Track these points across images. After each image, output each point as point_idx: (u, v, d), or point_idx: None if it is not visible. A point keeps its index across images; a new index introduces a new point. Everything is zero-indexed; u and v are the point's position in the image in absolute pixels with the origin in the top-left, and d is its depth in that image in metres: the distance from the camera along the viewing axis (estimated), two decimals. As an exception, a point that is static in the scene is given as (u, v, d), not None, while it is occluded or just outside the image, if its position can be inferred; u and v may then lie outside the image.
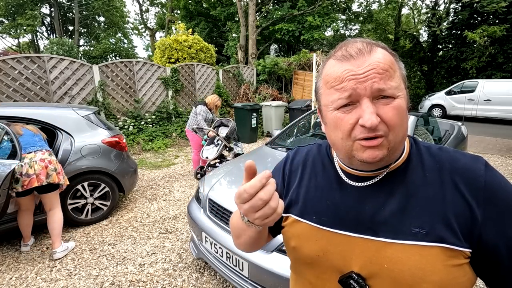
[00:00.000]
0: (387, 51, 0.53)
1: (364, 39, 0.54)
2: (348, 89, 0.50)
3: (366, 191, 0.57)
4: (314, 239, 0.60)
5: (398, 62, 0.53)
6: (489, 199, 0.50)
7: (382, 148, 0.51)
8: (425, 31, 16.09)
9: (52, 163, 2.41)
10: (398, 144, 0.53)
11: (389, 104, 0.50)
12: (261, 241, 0.69)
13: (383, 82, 0.49)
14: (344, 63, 0.51)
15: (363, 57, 0.50)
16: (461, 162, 0.54)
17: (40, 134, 2.57)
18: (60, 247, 2.52)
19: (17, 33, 20.73)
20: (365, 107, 0.49)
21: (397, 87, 0.50)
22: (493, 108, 9.62)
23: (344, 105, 0.51)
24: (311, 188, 0.65)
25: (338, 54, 0.53)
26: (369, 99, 0.49)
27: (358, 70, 0.49)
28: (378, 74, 0.48)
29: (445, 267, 0.48)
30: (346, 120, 0.51)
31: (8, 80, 5.04)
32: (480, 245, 0.49)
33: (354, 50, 0.51)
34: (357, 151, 0.52)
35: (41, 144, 2.47)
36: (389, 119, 0.49)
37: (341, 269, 0.57)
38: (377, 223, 0.54)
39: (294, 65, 10.41)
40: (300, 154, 0.74)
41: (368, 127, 0.48)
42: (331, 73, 0.53)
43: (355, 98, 0.50)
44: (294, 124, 3.46)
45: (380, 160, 0.51)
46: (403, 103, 0.51)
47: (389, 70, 0.50)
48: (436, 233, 0.49)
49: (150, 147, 6.39)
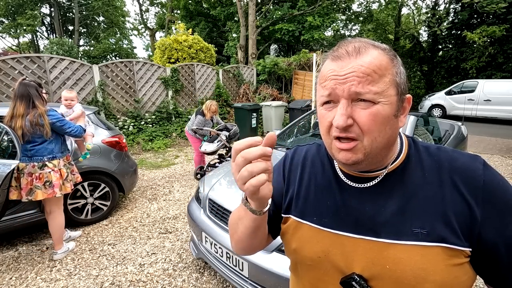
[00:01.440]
0: (385, 55, 0.51)
1: (363, 39, 0.54)
2: (329, 88, 0.51)
3: (366, 192, 0.57)
4: (315, 240, 0.60)
5: (395, 67, 0.52)
6: (488, 198, 0.50)
7: (356, 152, 0.51)
8: (425, 31, 16.11)
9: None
10: (379, 150, 0.52)
11: (367, 108, 0.49)
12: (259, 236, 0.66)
13: (361, 86, 0.48)
14: (332, 63, 0.52)
15: (348, 59, 0.50)
16: (460, 162, 0.54)
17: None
18: (61, 249, 2.52)
19: (17, 33, 20.73)
20: (339, 108, 0.50)
21: (380, 93, 0.49)
22: (493, 108, 9.62)
23: (327, 102, 0.53)
24: (311, 188, 0.65)
25: (334, 53, 0.54)
26: (347, 101, 0.50)
27: (340, 71, 0.50)
28: (357, 77, 0.49)
29: (447, 267, 0.48)
30: (326, 117, 0.53)
31: (8, 80, 5.04)
32: (480, 244, 0.50)
33: (343, 51, 0.51)
34: (335, 151, 0.54)
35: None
36: (363, 124, 0.49)
37: (343, 271, 0.56)
38: (378, 224, 0.54)
39: (294, 65, 10.41)
40: (299, 153, 0.73)
41: (335, 126, 0.50)
42: (322, 70, 0.55)
43: (334, 98, 0.51)
44: (294, 124, 3.46)
45: (355, 163, 0.52)
46: (384, 110, 0.49)
47: (371, 75, 0.49)
48: (437, 233, 0.49)
49: (150, 147, 6.39)
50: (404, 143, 0.60)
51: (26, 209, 2.67)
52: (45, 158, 2.30)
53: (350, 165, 0.54)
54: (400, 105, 0.53)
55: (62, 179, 2.37)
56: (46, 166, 2.29)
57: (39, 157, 2.28)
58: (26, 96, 2.23)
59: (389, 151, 0.56)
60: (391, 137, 0.53)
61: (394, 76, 0.51)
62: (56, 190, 2.32)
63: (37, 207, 2.72)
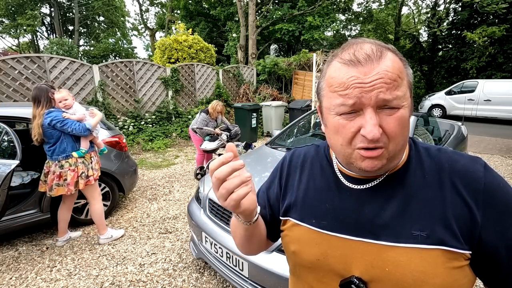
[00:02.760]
0: (397, 56, 0.50)
1: (374, 41, 0.51)
2: (353, 97, 0.48)
3: (366, 194, 0.57)
4: (314, 243, 0.59)
5: (407, 68, 0.51)
6: (489, 201, 0.49)
7: (381, 159, 0.50)
8: (425, 31, 16.10)
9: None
10: (398, 153, 0.52)
11: (393, 114, 0.48)
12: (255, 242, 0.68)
13: (389, 93, 0.47)
14: (351, 69, 0.48)
15: (371, 64, 0.47)
16: (461, 164, 0.54)
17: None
18: (105, 234, 2.72)
19: (17, 33, 20.74)
20: (368, 118, 0.47)
21: (403, 97, 0.48)
22: (493, 108, 9.62)
23: (348, 112, 0.49)
24: (310, 190, 0.64)
25: (345, 56, 0.50)
26: (373, 109, 0.47)
27: (364, 78, 0.47)
28: (385, 84, 0.46)
29: (446, 270, 0.48)
30: (348, 127, 0.50)
31: (8, 80, 5.04)
32: (480, 247, 0.49)
33: (363, 55, 0.48)
34: (356, 159, 0.51)
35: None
36: (391, 131, 0.48)
37: (342, 273, 0.56)
38: (377, 226, 0.53)
39: (294, 65, 10.41)
40: (298, 155, 0.73)
41: (369, 139, 0.47)
42: (335, 76, 0.50)
43: (358, 107, 0.48)
44: (294, 124, 3.46)
45: (379, 169, 0.51)
46: (406, 113, 0.49)
47: (397, 80, 0.47)
48: (437, 236, 0.49)
49: (150, 147, 6.39)
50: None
51: (26, 209, 2.67)
52: (60, 158, 2.41)
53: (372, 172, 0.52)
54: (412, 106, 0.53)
55: (77, 177, 2.47)
56: (64, 165, 2.43)
57: (55, 157, 2.41)
58: (37, 99, 2.35)
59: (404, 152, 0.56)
60: (407, 138, 0.53)
61: (409, 77, 0.51)
62: (71, 187, 2.43)
63: (37, 207, 2.73)
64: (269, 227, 0.73)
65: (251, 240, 0.66)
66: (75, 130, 2.40)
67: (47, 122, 2.32)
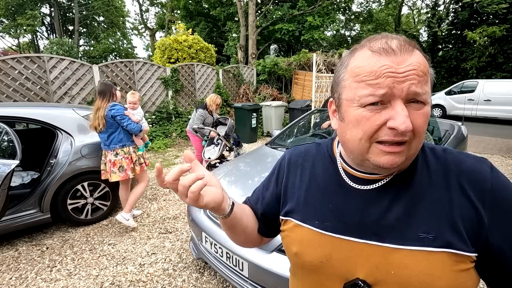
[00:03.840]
0: (422, 53, 0.50)
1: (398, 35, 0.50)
2: (384, 87, 0.45)
3: (371, 195, 0.55)
4: (317, 245, 0.58)
5: (430, 67, 0.51)
6: (496, 202, 0.49)
7: (402, 155, 0.48)
8: (425, 31, 16.10)
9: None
10: (416, 152, 0.51)
11: (420, 110, 0.47)
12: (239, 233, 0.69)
13: (420, 86, 0.45)
14: (383, 57, 0.46)
15: (405, 54, 0.46)
16: (467, 164, 0.53)
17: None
18: (127, 214, 2.88)
19: (17, 33, 20.74)
20: (399, 109, 0.45)
21: (429, 93, 0.48)
22: (493, 108, 9.61)
23: (373, 103, 0.47)
24: (312, 191, 0.63)
25: (375, 45, 0.47)
26: (402, 101, 0.46)
27: (398, 68, 0.45)
28: (417, 76, 0.45)
29: (453, 273, 0.47)
30: (372, 120, 0.47)
31: (8, 80, 5.03)
32: (486, 249, 0.49)
33: (396, 44, 0.46)
34: (374, 155, 0.49)
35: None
36: (417, 126, 0.47)
37: (346, 276, 0.55)
38: (382, 228, 0.52)
39: (294, 65, 10.41)
40: (298, 154, 0.71)
41: (401, 130, 0.45)
42: (364, 65, 0.47)
43: (387, 98, 0.46)
44: (294, 124, 3.46)
45: (397, 166, 0.50)
46: (429, 110, 0.49)
47: (427, 74, 0.47)
48: (444, 238, 0.48)
49: (150, 147, 6.39)
50: None
51: (26, 209, 2.67)
52: (117, 146, 2.75)
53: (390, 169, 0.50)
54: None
55: (132, 163, 2.83)
56: (119, 153, 2.75)
57: (113, 146, 2.74)
58: (102, 93, 2.70)
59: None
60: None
61: (431, 76, 0.51)
62: (129, 173, 2.79)
63: (37, 207, 2.73)
64: (261, 223, 0.73)
65: (234, 231, 0.68)
66: (129, 127, 2.74)
67: (111, 114, 2.65)
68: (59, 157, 2.82)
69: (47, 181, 2.76)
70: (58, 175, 2.78)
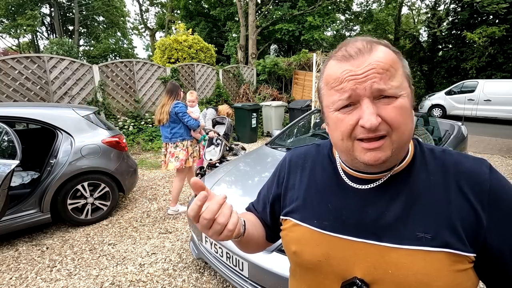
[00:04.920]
0: (390, 48, 0.51)
1: (366, 37, 0.53)
2: (348, 90, 0.49)
3: (369, 194, 0.56)
4: (315, 244, 0.59)
5: (402, 60, 0.52)
6: (494, 203, 0.49)
7: (385, 150, 0.49)
8: (425, 31, 16.10)
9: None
10: (403, 144, 0.51)
11: (391, 104, 0.48)
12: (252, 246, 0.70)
13: (383, 82, 0.47)
14: (344, 64, 0.50)
15: (362, 56, 0.49)
16: (466, 165, 0.53)
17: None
18: (174, 207, 3.25)
19: (17, 33, 20.73)
20: (365, 108, 0.48)
21: (399, 86, 0.49)
22: (493, 108, 9.62)
23: (345, 106, 0.50)
24: (311, 190, 0.63)
25: (339, 54, 0.52)
26: (369, 100, 0.48)
27: (357, 70, 0.48)
28: (378, 74, 0.47)
29: (450, 273, 0.48)
30: (346, 121, 0.50)
31: (8, 80, 5.04)
32: (485, 250, 0.49)
33: (354, 50, 0.50)
34: (358, 153, 0.51)
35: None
36: (391, 119, 0.48)
37: (344, 275, 0.55)
38: (380, 227, 0.53)
39: (294, 65, 10.41)
40: (298, 155, 0.72)
41: (367, 127, 0.47)
42: (331, 73, 0.52)
43: (355, 99, 0.49)
44: (294, 124, 3.46)
45: (384, 162, 0.50)
46: (406, 102, 0.49)
47: (389, 69, 0.48)
48: (441, 238, 0.48)
49: (150, 147, 6.39)
50: (410, 144, 0.58)
51: (26, 209, 2.68)
52: (178, 140, 3.17)
53: (378, 165, 0.51)
54: (412, 97, 0.53)
55: (187, 155, 3.21)
56: (179, 146, 3.17)
57: (174, 139, 3.15)
58: (170, 92, 3.13)
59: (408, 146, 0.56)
60: (412, 129, 0.53)
61: (404, 68, 0.52)
62: (183, 163, 3.17)
63: (37, 207, 2.73)
64: (268, 229, 0.73)
65: (247, 246, 0.68)
66: (189, 123, 3.14)
67: (174, 111, 3.05)
68: (59, 157, 2.82)
69: (47, 181, 2.76)
70: (58, 175, 2.78)
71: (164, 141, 3.20)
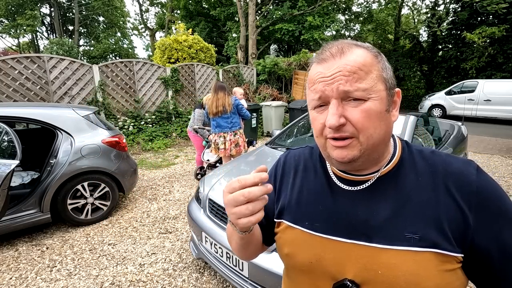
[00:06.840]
0: (368, 51, 0.52)
1: (346, 40, 0.54)
2: (318, 91, 0.52)
3: (359, 196, 0.57)
4: (307, 245, 0.59)
5: (380, 63, 0.53)
6: (481, 204, 0.50)
7: (352, 149, 0.51)
8: (425, 31, 16.10)
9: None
10: (375, 146, 0.52)
11: (358, 106, 0.50)
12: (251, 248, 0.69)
13: (349, 85, 0.49)
14: (318, 66, 0.53)
15: (333, 60, 0.51)
16: (454, 166, 0.54)
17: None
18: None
19: (17, 33, 20.73)
20: (330, 108, 0.51)
21: (368, 89, 0.50)
22: (493, 108, 9.62)
23: (319, 105, 0.54)
24: (304, 193, 0.64)
25: (317, 57, 0.55)
26: (337, 101, 0.50)
27: (326, 72, 0.51)
28: (344, 76, 0.49)
29: (439, 273, 0.48)
30: (318, 119, 0.54)
31: (8, 80, 5.04)
32: (472, 250, 0.49)
33: (327, 53, 0.52)
34: (329, 149, 0.54)
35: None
36: (356, 121, 0.50)
37: (335, 276, 0.55)
38: (370, 229, 0.53)
39: (294, 65, 10.41)
40: (292, 157, 0.73)
41: (328, 127, 0.51)
42: (310, 75, 0.56)
43: (325, 100, 0.52)
44: (294, 124, 3.46)
45: (352, 160, 0.52)
46: (375, 105, 0.50)
47: (357, 72, 0.49)
48: (429, 239, 0.49)
49: (150, 147, 6.39)
50: (397, 146, 0.59)
51: (26, 209, 2.68)
52: (237, 128, 3.62)
53: (346, 163, 0.53)
54: (390, 100, 0.54)
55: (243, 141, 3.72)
56: (237, 133, 3.63)
57: (234, 128, 3.59)
58: (223, 88, 3.50)
59: (386, 147, 0.56)
60: (386, 132, 0.53)
61: (381, 71, 0.52)
62: (242, 148, 3.66)
63: (37, 207, 2.73)
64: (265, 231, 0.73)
65: (248, 247, 0.67)
66: (246, 113, 3.67)
67: (236, 104, 3.51)
68: (59, 157, 2.82)
69: (47, 181, 2.76)
70: (58, 175, 2.78)
71: (223, 131, 3.56)
